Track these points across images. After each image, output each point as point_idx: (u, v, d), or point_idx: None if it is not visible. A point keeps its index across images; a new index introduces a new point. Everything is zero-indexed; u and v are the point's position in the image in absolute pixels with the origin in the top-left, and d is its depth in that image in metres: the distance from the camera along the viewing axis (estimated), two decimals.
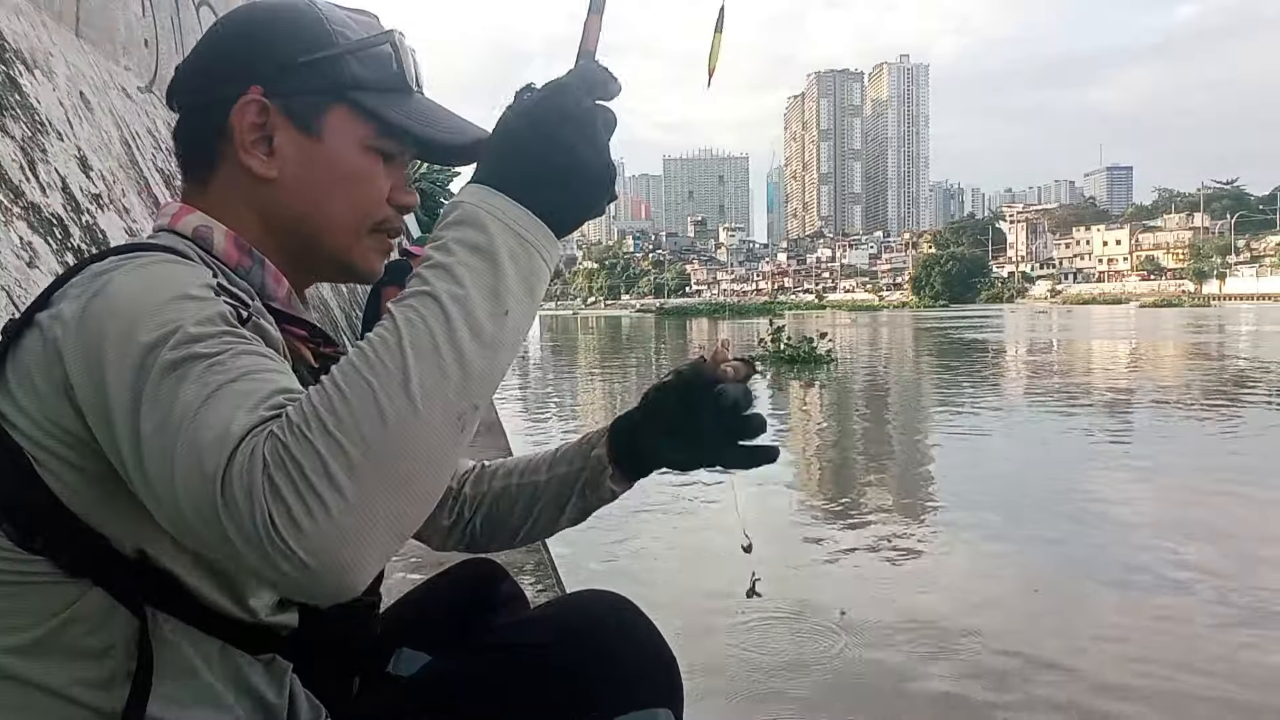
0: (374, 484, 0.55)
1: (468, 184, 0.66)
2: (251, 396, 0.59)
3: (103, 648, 0.69)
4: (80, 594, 0.68)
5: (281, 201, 0.82)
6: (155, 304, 0.65)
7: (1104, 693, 2.64)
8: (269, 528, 0.54)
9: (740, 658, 2.91)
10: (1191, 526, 4.52)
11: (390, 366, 0.57)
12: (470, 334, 0.60)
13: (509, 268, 0.62)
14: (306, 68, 0.80)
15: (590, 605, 0.99)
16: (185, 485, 0.57)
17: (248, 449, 0.56)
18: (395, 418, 0.56)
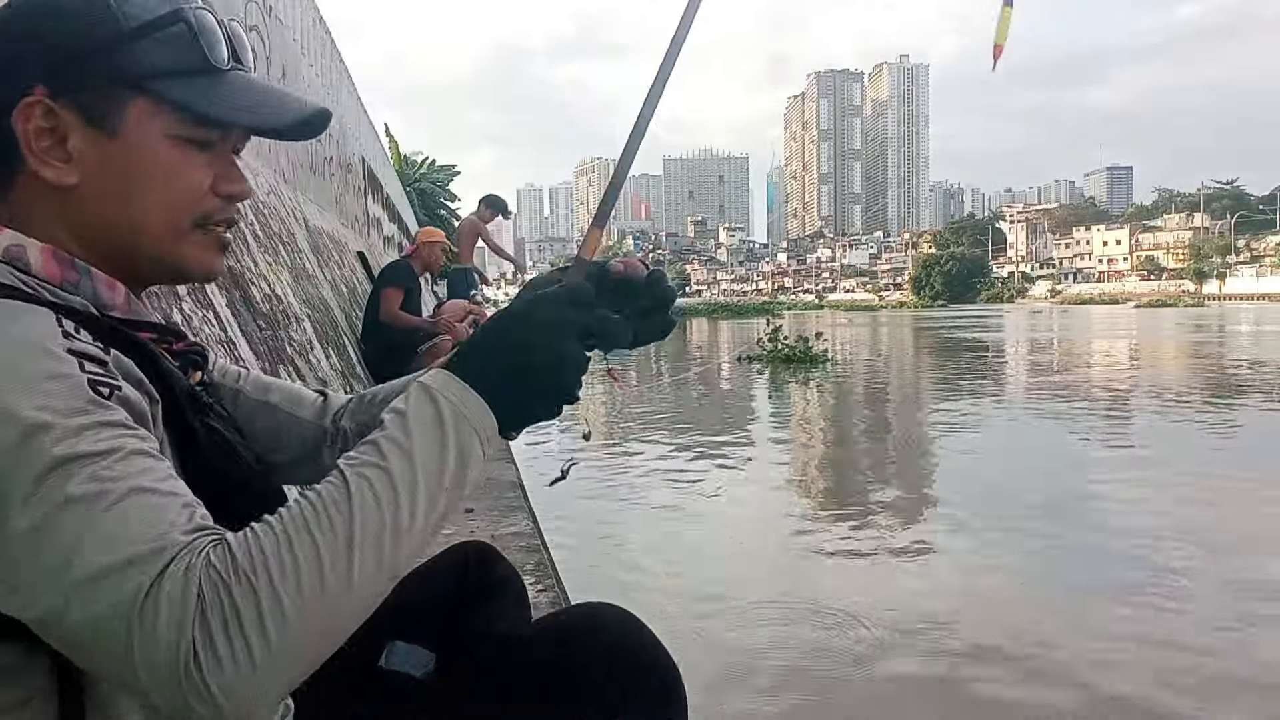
0: (302, 638, 0.58)
1: (445, 371, 0.70)
2: (164, 512, 0.60)
3: (21, 700, 0.64)
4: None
5: (87, 209, 0.74)
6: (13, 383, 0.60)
7: (1104, 694, 2.65)
8: (190, 663, 0.55)
9: (734, 657, 2.92)
10: (1185, 525, 4.53)
11: (339, 537, 0.60)
12: (411, 519, 0.63)
13: (455, 453, 0.66)
14: (91, 60, 0.72)
15: (593, 619, 0.98)
16: (85, 602, 0.56)
17: (178, 574, 0.56)
18: (334, 586, 0.59)
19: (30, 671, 0.64)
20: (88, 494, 0.58)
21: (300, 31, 8.00)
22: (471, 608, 1.08)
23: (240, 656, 0.56)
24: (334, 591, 0.59)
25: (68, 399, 0.61)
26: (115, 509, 0.58)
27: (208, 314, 2.89)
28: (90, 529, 0.57)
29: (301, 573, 0.58)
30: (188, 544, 0.58)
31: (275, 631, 0.57)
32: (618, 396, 9.71)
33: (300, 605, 0.58)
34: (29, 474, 0.58)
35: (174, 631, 0.55)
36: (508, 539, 3.21)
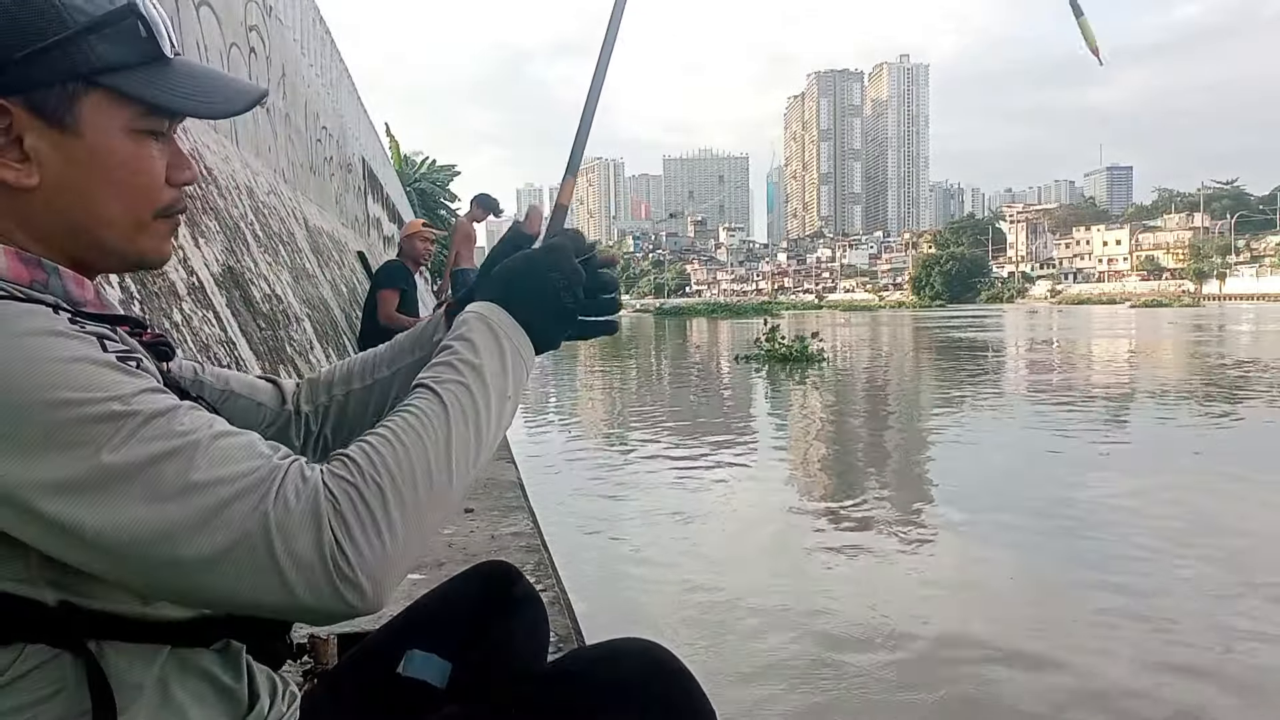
0: (415, 528, 0.67)
1: (483, 301, 0.84)
2: (253, 445, 0.67)
3: (51, 693, 0.67)
4: (15, 656, 0.66)
5: (49, 209, 0.73)
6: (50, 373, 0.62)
7: (1102, 693, 2.65)
8: (336, 555, 0.63)
9: (727, 656, 2.92)
10: (1170, 521, 4.53)
11: (440, 443, 0.71)
12: (490, 426, 0.76)
13: (513, 372, 0.80)
14: (41, 57, 0.69)
15: (627, 658, 0.96)
16: (215, 534, 0.62)
17: (298, 484, 0.64)
18: (439, 482, 0.70)
19: (58, 665, 0.67)
20: (173, 449, 0.63)
21: (300, 31, 8.00)
22: (491, 624, 1.09)
23: (375, 546, 0.64)
24: (440, 487, 0.70)
25: (107, 374, 0.64)
26: (208, 452, 0.63)
27: (208, 314, 2.89)
28: (192, 475, 0.62)
29: (417, 473, 0.68)
30: (287, 465, 0.66)
31: (400, 522, 0.66)
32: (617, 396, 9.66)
33: (416, 500, 0.67)
34: (107, 447, 0.61)
35: (314, 532, 0.63)
36: (507, 539, 3.20)
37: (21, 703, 0.66)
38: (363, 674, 1.05)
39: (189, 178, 0.81)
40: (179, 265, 2.82)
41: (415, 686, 1.03)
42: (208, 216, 3.60)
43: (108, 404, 0.62)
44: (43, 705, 0.66)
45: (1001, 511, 4.90)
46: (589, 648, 1.04)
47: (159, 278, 2.56)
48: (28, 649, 0.66)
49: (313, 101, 8.33)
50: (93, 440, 0.61)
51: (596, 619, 2.79)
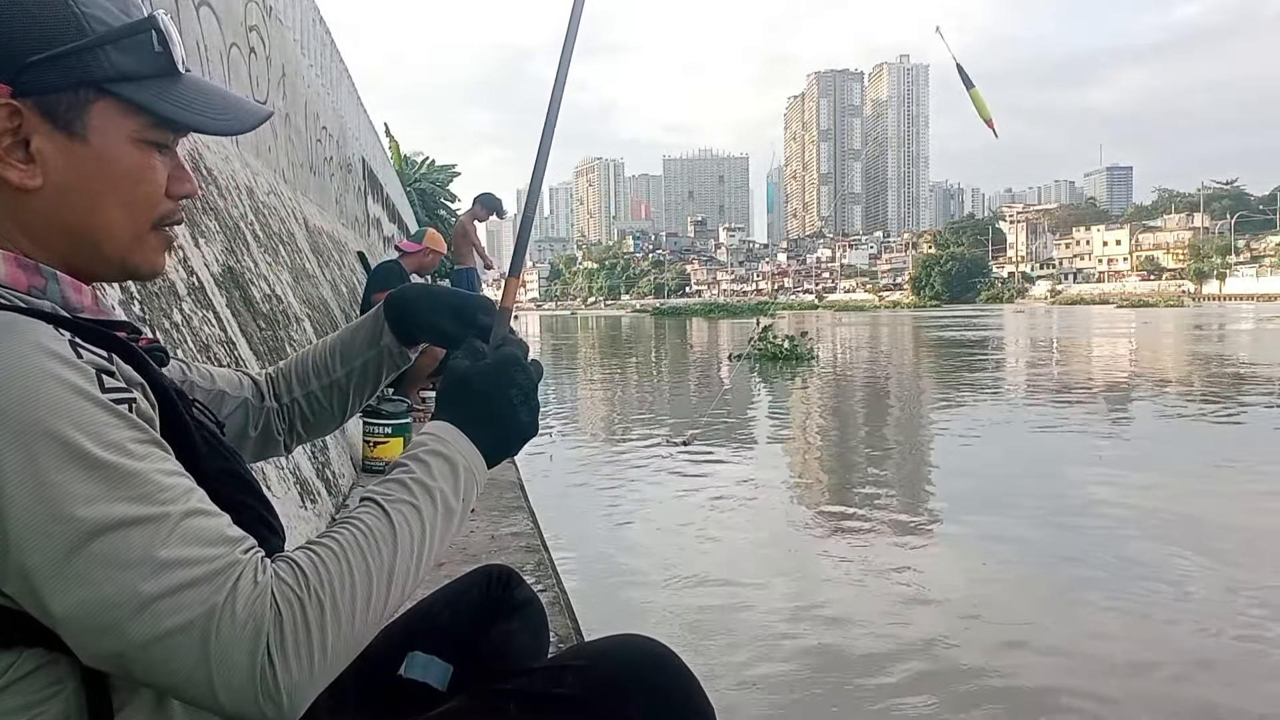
0: (344, 649, 0.68)
1: (444, 421, 0.84)
2: (220, 530, 0.66)
3: (50, 695, 0.67)
4: (14, 659, 0.66)
5: (50, 212, 0.73)
6: (41, 402, 0.61)
7: (1105, 695, 2.65)
8: (265, 667, 0.63)
9: (718, 653, 2.92)
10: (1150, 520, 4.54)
11: (385, 564, 0.71)
12: (434, 549, 0.76)
13: (464, 491, 0.80)
14: (57, 62, 0.70)
15: (626, 655, 0.96)
16: (158, 618, 0.61)
17: (248, 589, 0.64)
18: (377, 605, 0.70)
19: (55, 668, 0.67)
20: (145, 516, 0.62)
21: (300, 31, 8.00)
22: (491, 627, 1.10)
23: (305, 666, 0.64)
24: (376, 609, 0.70)
25: (98, 415, 0.63)
26: (178, 528, 0.63)
27: (208, 314, 2.89)
28: (155, 549, 0.62)
29: (358, 593, 0.68)
30: (246, 561, 0.65)
31: (332, 643, 0.66)
32: (617, 398, 9.69)
33: (353, 620, 0.68)
34: (81, 499, 0.61)
35: (251, 640, 0.63)
36: (507, 539, 3.21)
37: (21, 704, 0.66)
38: (364, 675, 1.05)
39: (189, 190, 0.82)
40: (179, 265, 2.83)
41: (416, 688, 1.04)
42: (208, 216, 3.60)
43: (93, 449, 0.62)
44: (42, 707, 0.66)
45: (974, 499, 4.95)
46: (589, 643, 1.04)
47: (158, 278, 2.56)
48: (26, 652, 0.66)
49: (313, 101, 8.33)
50: (72, 485, 0.60)
51: (596, 619, 2.79)
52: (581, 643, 1.16)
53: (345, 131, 10.82)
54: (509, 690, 0.92)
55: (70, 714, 0.67)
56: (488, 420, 0.84)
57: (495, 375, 0.86)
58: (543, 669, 0.97)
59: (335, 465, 3.80)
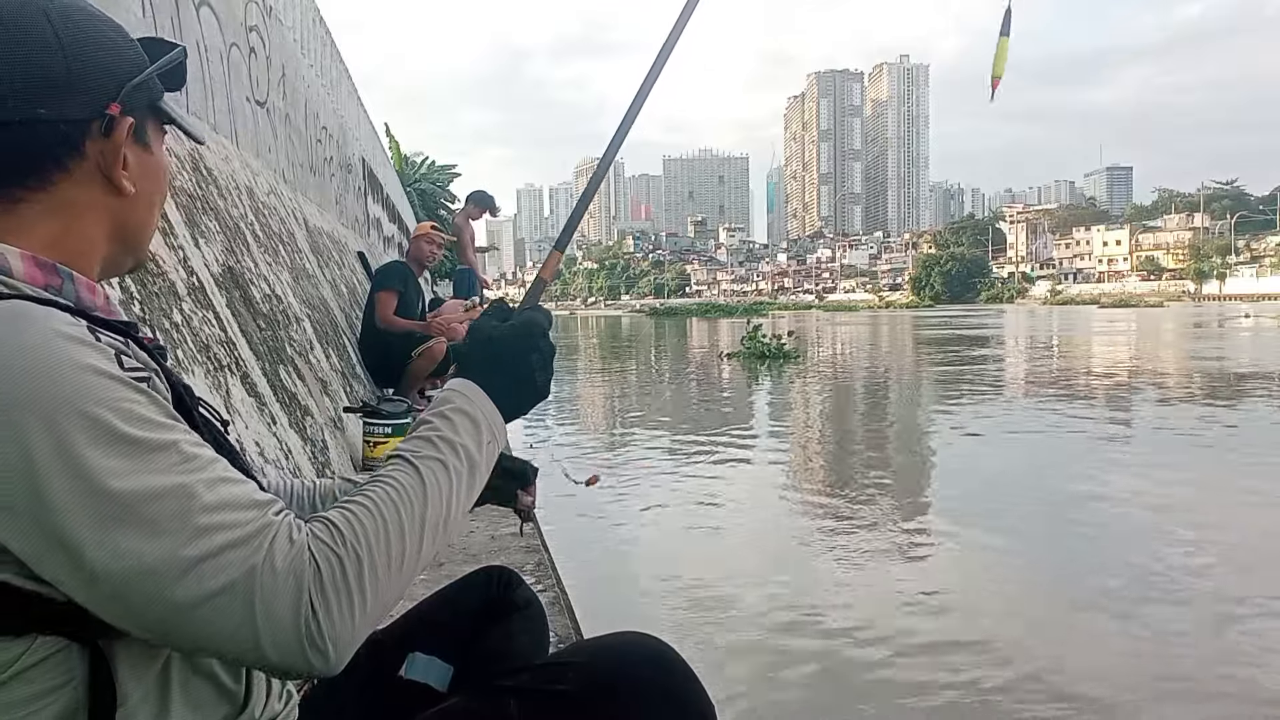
0: (382, 598, 0.71)
1: (467, 379, 0.87)
2: (251, 494, 0.69)
3: (62, 683, 0.69)
4: (28, 646, 0.67)
5: (129, 214, 0.82)
6: (64, 380, 0.63)
7: (1105, 695, 2.65)
8: (310, 619, 0.66)
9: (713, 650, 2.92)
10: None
11: (416, 518, 0.74)
12: (461, 502, 0.80)
13: (485, 449, 0.84)
14: (140, 85, 0.80)
15: (627, 652, 0.96)
16: (201, 581, 0.63)
17: (285, 547, 0.67)
18: (411, 559, 0.74)
19: (68, 657, 0.69)
20: (177, 486, 0.65)
21: (300, 31, 8.00)
22: (492, 628, 1.11)
23: (346, 615, 0.67)
24: (410, 560, 0.73)
25: (121, 391, 0.65)
26: (209, 495, 0.66)
27: (208, 314, 2.89)
28: (191, 516, 0.64)
29: (391, 546, 0.71)
30: (279, 522, 0.68)
31: (371, 594, 0.69)
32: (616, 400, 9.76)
33: (387, 572, 0.71)
34: (113, 472, 0.62)
35: (294, 595, 0.66)
36: (507, 539, 3.21)
37: (34, 691, 0.67)
38: (364, 676, 1.05)
39: None
40: (179, 265, 2.82)
41: (417, 689, 1.04)
42: (208, 216, 3.60)
43: (120, 425, 0.64)
44: (53, 694, 0.68)
45: (958, 494, 4.94)
46: (590, 640, 1.05)
47: (158, 278, 2.55)
48: (39, 640, 0.67)
49: (313, 101, 8.32)
50: (102, 460, 0.62)
51: (596, 619, 2.79)
52: (582, 640, 1.16)
53: (345, 131, 10.82)
54: (510, 687, 0.93)
55: (77, 705, 0.68)
56: (507, 379, 0.88)
57: (519, 338, 0.89)
58: (544, 666, 0.97)
59: (335, 465, 3.80)
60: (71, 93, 0.75)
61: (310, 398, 3.96)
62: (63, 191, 0.77)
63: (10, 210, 0.75)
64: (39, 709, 0.67)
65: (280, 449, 3.01)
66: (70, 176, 0.76)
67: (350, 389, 5.16)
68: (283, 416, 3.30)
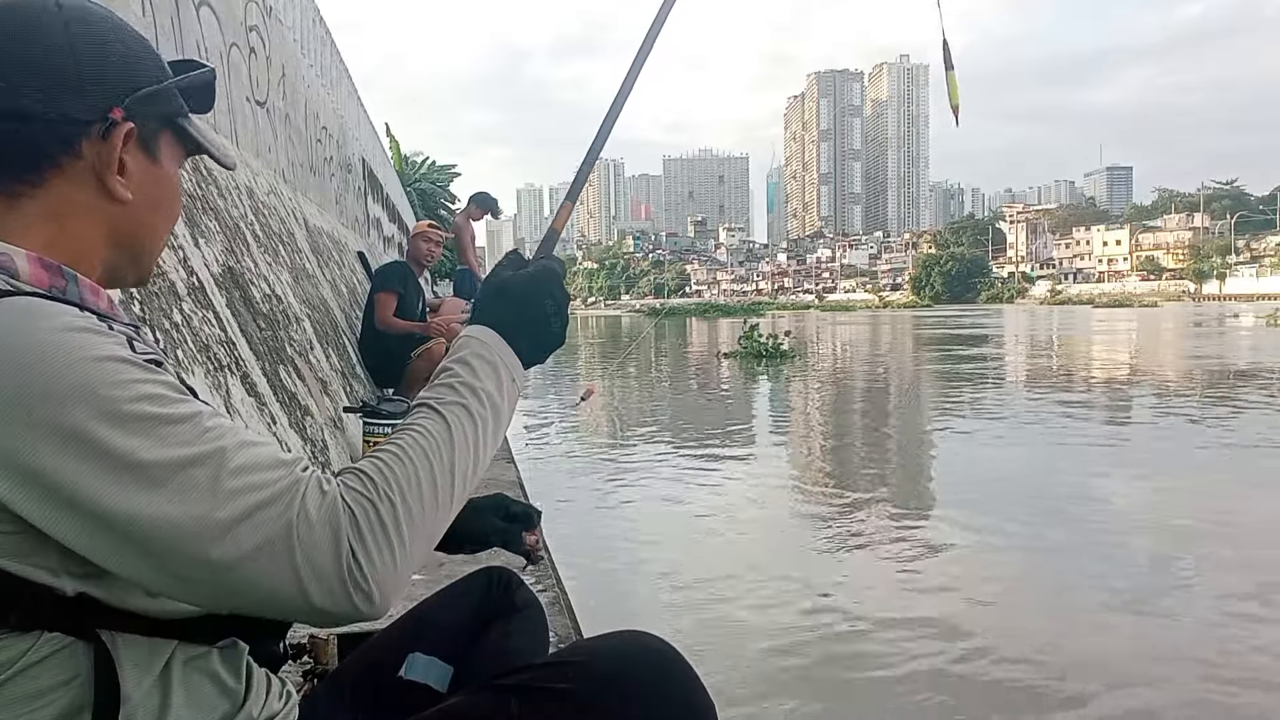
0: (421, 540, 0.73)
1: (483, 325, 0.88)
2: (276, 453, 0.71)
3: (66, 679, 0.69)
4: (33, 642, 0.68)
5: (127, 222, 0.82)
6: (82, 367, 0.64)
7: (1103, 692, 2.65)
8: (352, 564, 0.67)
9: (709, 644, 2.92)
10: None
11: (445, 462, 0.76)
12: (487, 446, 0.81)
13: (507, 392, 0.85)
14: (155, 95, 0.82)
15: (627, 651, 0.96)
16: (240, 540, 0.65)
17: (317, 497, 0.68)
18: (443, 498, 0.75)
19: (72, 653, 0.69)
20: (204, 453, 0.66)
21: (300, 31, 7.99)
22: (491, 628, 1.11)
23: (387, 557, 0.69)
24: (444, 502, 0.75)
25: (138, 373, 0.67)
26: (236, 458, 0.67)
27: (208, 314, 2.89)
28: (221, 480, 0.66)
29: (424, 490, 0.73)
30: (308, 477, 0.70)
31: (409, 536, 0.71)
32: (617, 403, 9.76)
33: (423, 514, 0.73)
34: (141, 448, 0.64)
35: (333, 543, 0.67)
36: None
37: (38, 688, 0.68)
38: (364, 676, 1.05)
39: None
40: (179, 265, 2.83)
41: (417, 690, 1.04)
42: (208, 216, 3.60)
43: (141, 404, 0.65)
44: (57, 691, 0.68)
45: (950, 487, 4.94)
46: (590, 639, 1.05)
47: (159, 278, 2.56)
48: (44, 635, 0.68)
49: (313, 101, 8.32)
50: (128, 439, 0.64)
51: (596, 619, 2.79)
52: (582, 640, 1.16)
53: (345, 131, 10.81)
54: (510, 686, 0.93)
55: (81, 702, 0.69)
56: (523, 325, 0.88)
57: (533, 284, 0.90)
58: (544, 665, 0.97)
59: (335, 465, 3.80)
60: (73, 92, 0.76)
61: (310, 398, 3.96)
62: (57, 190, 0.77)
63: (12, 207, 0.76)
64: (43, 705, 0.68)
65: (280, 449, 3.01)
66: (64, 174, 0.77)
67: (350, 389, 5.16)
68: (283, 416, 3.30)
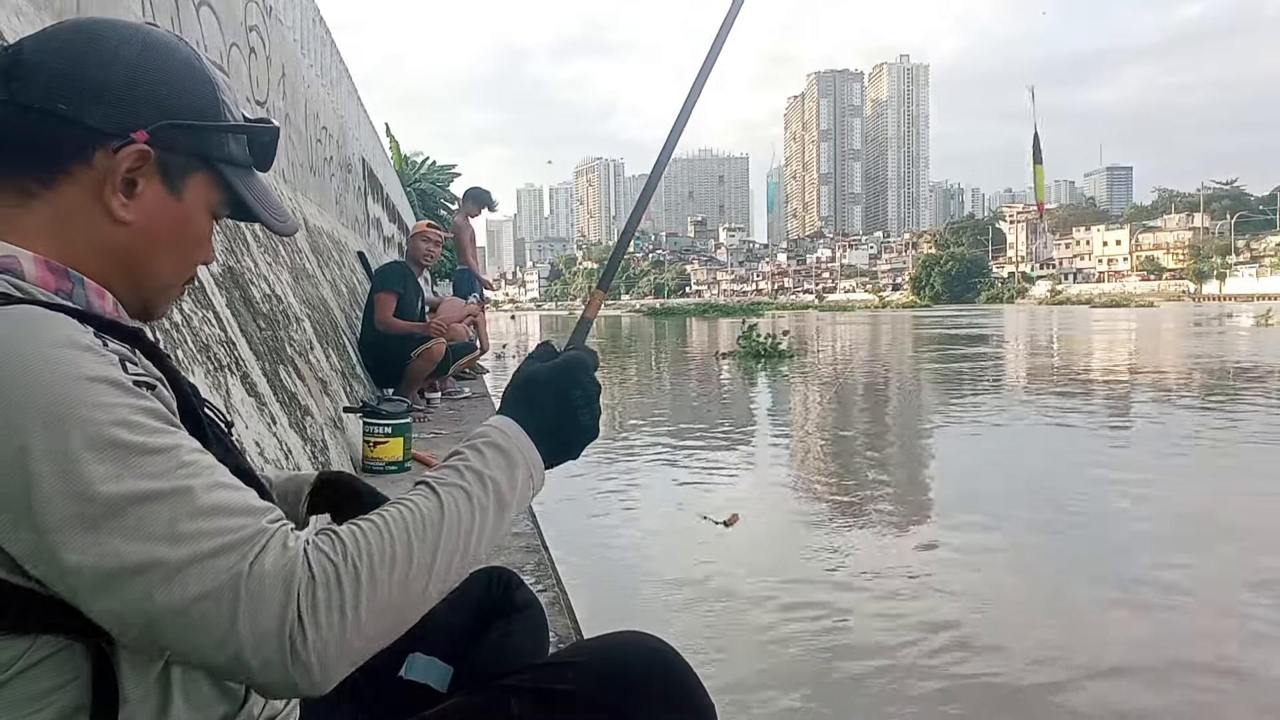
0: (379, 624, 0.67)
1: (505, 415, 0.84)
2: (247, 500, 0.67)
3: (65, 681, 0.68)
4: (30, 644, 0.67)
5: (123, 244, 0.80)
6: (68, 385, 0.63)
7: (1101, 692, 2.65)
8: (295, 630, 0.63)
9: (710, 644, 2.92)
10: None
11: (428, 546, 0.70)
12: (479, 540, 0.75)
13: (519, 489, 0.79)
14: (192, 130, 0.81)
15: (627, 651, 0.96)
16: (187, 584, 0.62)
17: (278, 553, 0.64)
18: (417, 586, 0.69)
19: (70, 655, 0.69)
20: (169, 489, 0.64)
21: (300, 31, 7.99)
22: (491, 629, 1.11)
23: (336, 631, 0.64)
24: (415, 590, 0.69)
25: (122, 397, 0.65)
26: (201, 500, 0.64)
27: (208, 314, 2.89)
28: (179, 521, 0.63)
29: (396, 567, 0.68)
30: (275, 529, 0.66)
31: (367, 615, 0.65)
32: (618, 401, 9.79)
33: (389, 593, 0.67)
34: (104, 477, 0.62)
35: (281, 603, 0.63)
36: (507, 539, 3.21)
37: (37, 690, 0.67)
38: (364, 676, 1.05)
39: (211, 258, 0.91)
40: None
41: (417, 690, 1.04)
42: None
43: (117, 430, 0.63)
44: (56, 693, 0.68)
45: (950, 488, 4.94)
46: (590, 640, 1.05)
47: None
48: (41, 638, 0.67)
49: (313, 101, 8.32)
50: (95, 466, 0.62)
51: (596, 619, 2.79)
52: (582, 640, 1.16)
53: (345, 131, 10.81)
54: (510, 686, 0.93)
55: (80, 703, 0.68)
56: (548, 419, 0.84)
57: (561, 375, 0.86)
58: (544, 665, 0.97)
59: (335, 465, 3.80)
60: (99, 103, 0.76)
61: (310, 398, 3.96)
62: (66, 195, 0.77)
63: (23, 206, 0.77)
64: (42, 707, 0.67)
65: (280, 449, 3.01)
66: (74, 181, 0.77)
67: (350, 389, 5.16)
68: (283, 416, 3.30)
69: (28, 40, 0.78)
